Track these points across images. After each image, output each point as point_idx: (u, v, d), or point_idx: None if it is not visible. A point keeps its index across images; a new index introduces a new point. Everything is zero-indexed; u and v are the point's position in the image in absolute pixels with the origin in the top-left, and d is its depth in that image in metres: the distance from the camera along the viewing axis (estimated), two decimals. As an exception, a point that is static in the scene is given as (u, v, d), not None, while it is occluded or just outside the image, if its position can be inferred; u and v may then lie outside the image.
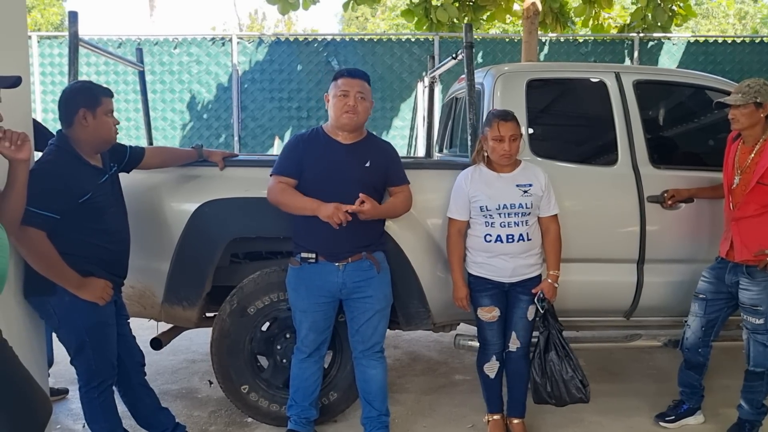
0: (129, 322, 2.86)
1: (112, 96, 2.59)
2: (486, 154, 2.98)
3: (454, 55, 3.64)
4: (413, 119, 8.14)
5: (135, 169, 2.90)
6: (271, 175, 2.88)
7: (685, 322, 3.20)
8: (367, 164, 2.85)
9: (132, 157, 2.84)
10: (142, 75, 4.34)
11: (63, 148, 2.50)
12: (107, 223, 2.58)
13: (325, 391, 3.18)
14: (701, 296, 3.10)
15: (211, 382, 3.82)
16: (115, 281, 2.65)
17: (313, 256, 2.85)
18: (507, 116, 2.91)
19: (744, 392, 3.07)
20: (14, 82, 1.97)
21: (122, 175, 2.81)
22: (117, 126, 2.60)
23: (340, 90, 2.81)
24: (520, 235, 2.92)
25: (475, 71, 3.42)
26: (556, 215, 3.02)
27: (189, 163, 3.10)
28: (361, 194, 2.72)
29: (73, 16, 3.22)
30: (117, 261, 2.67)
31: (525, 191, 2.93)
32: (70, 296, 2.47)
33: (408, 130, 8.20)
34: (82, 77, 3.36)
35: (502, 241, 2.92)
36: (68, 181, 2.42)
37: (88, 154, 2.55)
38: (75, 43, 3.21)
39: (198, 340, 4.40)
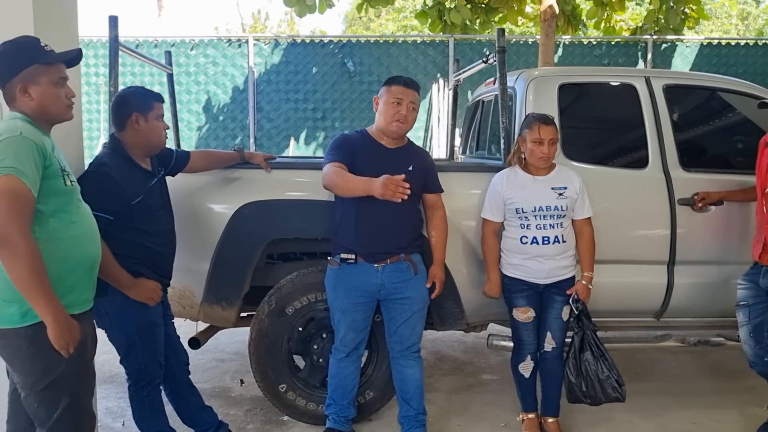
0: (173, 322, 2.92)
1: (162, 101, 2.65)
2: (523, 156, 3.03)
3: (485, 59, 3.68)
4: (428, 120, 8.19)
5: (179, 173, 2.95)
6: (325, 164, 2.84)
7: (736, 337, 3.19)
8: (411, 168, 2.89)
9: (178, 161, 2.89)
10: (170, 78, 4.34)
11: (116, 151, 2.56)
12: (157, 225, 2.64)
13: (362, 390, 3.22)
14: (742, 303, 3.08)
15: (242, 381, 3.87)
16: (162, 282, 2.70)
17: (353, 256, 2.89)
18: (547, 120, 2.97)
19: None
20: (77, 54, 2.14)
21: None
22: (167, 130, 2.66)
23: (394, 97, 2.85)
24: (556, 237, 2.97)
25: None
26: (589, 218, 3.07)
27: (231, 165, 3.15)
28: (436, 279, 2.99)
29: (113, 21, 3.24)
30: (165, 262, 2.72)
31: (560, 194, 2.98)
32: (122, 296, 2.51)
33: (423, 132, 8.25)
34: (99, 78, 3.38)
35: (538, 243, 2.97)
36: (122, 183, 2.48)
37: (139, 158, 2.61)
38: (115, 47, 3.22)
39: (224, 339, 4.44)
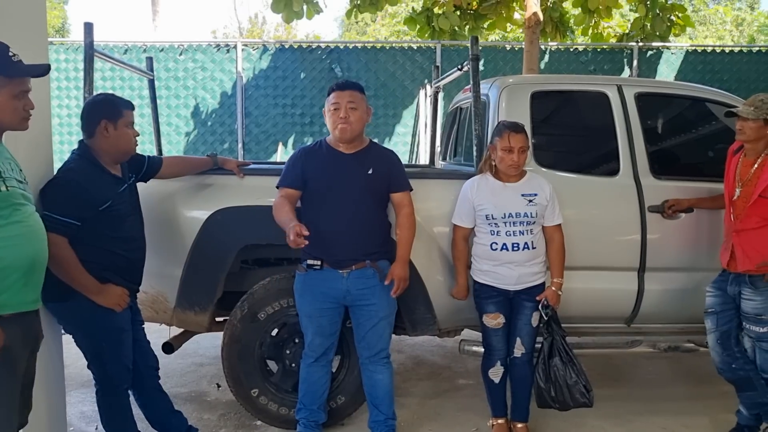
0: (144, 327, 2.93)
1: (133, 108, 2.68)
2: (494, 163, 3.06)
3: (460, 67, 3.73)
4: (415, 126, 8.23)
5: (152, 179, 2.97)
6: (276, 188, 2.97)
7: (706, 343, 3.22)
8: (370, 171, 2.93)
9: (150, 167, 2.92)
10: (152, 83, 4.38)
11: (84, 157, 2.59)
12: (125, 232, 2.66)
13: (333, 395, 3.25)
14: (710, 310, 3.11)
15: (219, 386, 3.88)
16: (131, 288, 2.71)
17: (319, 263, 2.93)
18: (518, 128, 3.00)
19: (744, 398, 3.13)
20: (45, 70, 2.11)
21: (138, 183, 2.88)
22: (137, 137, 2.68)
23: (332, 104, 2.91)
24: (525, 243, 3.00)
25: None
26: (559, 225, 3.09)
27: (204, 171, 3.18)
28: (395, 276, 2.90)
29: (89, 28, 3.28)
30: (133, 268, 2.74)
31: (530, 201, 3.01)
32: (89, 302, 2.53)
33: (410, 137, 8.28)
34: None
35: (507, 249, 2.99)
36: (89, 189, 2.51)
37: (109, 164, 2.63)
38: (90, 54, 3.27)
39: (205, 344, 4.46)
